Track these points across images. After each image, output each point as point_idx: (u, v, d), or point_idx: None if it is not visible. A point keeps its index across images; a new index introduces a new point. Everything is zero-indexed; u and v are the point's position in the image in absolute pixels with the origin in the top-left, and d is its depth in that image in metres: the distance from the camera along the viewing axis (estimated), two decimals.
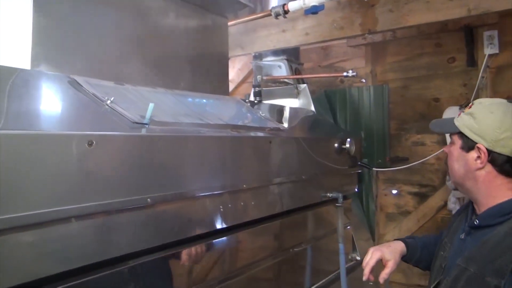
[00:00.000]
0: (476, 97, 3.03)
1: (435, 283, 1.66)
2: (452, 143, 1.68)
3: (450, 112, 3.01)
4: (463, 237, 1.63)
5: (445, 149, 1.76)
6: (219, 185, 1.73)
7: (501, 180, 1.54)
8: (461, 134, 1.61)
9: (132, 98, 1.77)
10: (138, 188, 1.40)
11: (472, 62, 3.11)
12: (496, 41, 2.96)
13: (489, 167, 1.54)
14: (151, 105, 1.55)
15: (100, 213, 1.29)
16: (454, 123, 1.65)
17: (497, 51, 2.98)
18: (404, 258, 1.91)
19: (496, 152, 1.51)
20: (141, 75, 2.18)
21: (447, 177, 2.83)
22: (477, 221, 1.57)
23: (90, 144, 1.26)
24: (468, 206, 1.72)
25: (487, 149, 1.52)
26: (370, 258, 1.87)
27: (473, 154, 1.56)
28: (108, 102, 1.57)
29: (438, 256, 1.75)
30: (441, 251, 1.73)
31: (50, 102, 1.52)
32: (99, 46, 2.02)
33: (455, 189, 1.91)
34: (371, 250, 1.90)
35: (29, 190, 1.10)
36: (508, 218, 1.48)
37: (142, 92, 1.89)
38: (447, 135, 2.73)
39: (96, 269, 1.32)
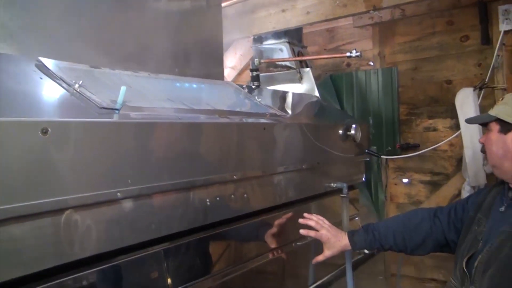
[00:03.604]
0: (491, 77, 2.85)
1: (469, 255, 1.74)
2: (488, 131, 1.84)
3: (463, 94, 2.81)
4: (503, 210, 1.74)
5: (481, 140, 1.91)
6: (202, 176, 1.57)
7: None
8: (498, 121, 1.78)
9: (107, 82, 1.61)
10: (105, 182, 1.24)
11: (486, 39, 2.91)
12: None
13: None
14: (123, 89, 1.39)
15: (57, 211, 1.13)
16: (489, 114, 1.83)
17: None
18: (370, 249, 2.10)
19: None
20: (126, 59, 2.03)
21: (484, 161, 2.68)
22: None
23: (44, 132, 1.11)
24: (500, 185, 1.86)
25: None
26: (316, 233, 2.04)
27: (511, 135, 1.74)
28: (76, 86, 1.42)
29: (470, 231, 1.84)
30: (475, 226, 1.82)
31: (10, 86, 1.35)
32: (77, 28, 1.87)
33: (491, 173, 2.05)
34: (325, 226, 2.06)
35: None
36: None
37: (121, 76, 1.73)
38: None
39: (56, 274, 1.18)
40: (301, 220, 2.09)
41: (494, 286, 1.60)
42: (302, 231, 2.07)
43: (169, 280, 1.51)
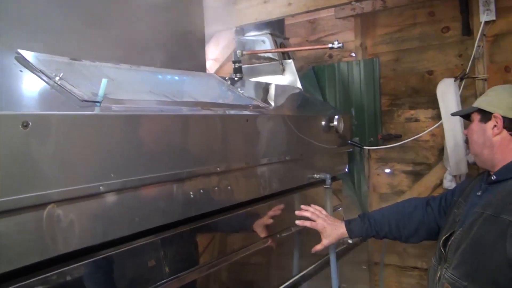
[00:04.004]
0: (472, 67, 2.87)
1: (448, 234, 1.85)
2: (471, 122, 1.96)
3: (444, 84, 2.83)
4: (479, 194, 1.86)
5: (465, 131, 2.05)
6: (186, 169, 1.56)
7: None
8: (479, 111, 1.90)
9: (87, 75, 1.59)
10: (87, 176, 1.23)
11: (467, 30, 2.93)
12: (492, 6, 2.76)
13: (504, 133, 1.82)
14: (104, 81, 1.37)
15: (39, 206, 1.12)
16: (471, 106, 1.97)
17: (493, 18, 2.79)
18: (366, 236, 2.21)
19: (510, 118, 1.80)
20: (106, 52, 2.00)
21: (467, 151, 2.73)
22: (494, 177, 1.82)
23: (25, 125, 1.09)
24: (482, 173, 1.98)
25: (502, 116, 1.80)
26: (311, 223, 2.13)
27: (490, 124, 1.84)
28: (57, 79, 1.40)
29: (451, 214, 1.96)
30: (455, 209, 1.95)
31: None
32: (58, 20, 1.84)
33: (474, 163, 2.22)
34: (321, 216, 2.15)
35: None
36: None
37: (101, 68, 1.71)
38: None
39: (39, 270, 1.16)
40: (297, 212, 2.17)
41: (464, 261, 1.70)
42: (297, 222, 2.15)
43: (154, 273, 1.51)
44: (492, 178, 1.83)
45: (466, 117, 2.03)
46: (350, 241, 2.53)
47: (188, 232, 1.65)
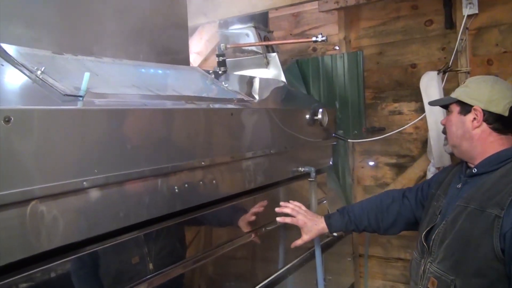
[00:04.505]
0: (455, 60, 2.89)
1: (428, 228, 1.84)
2: (449, 113, 1.92)
3: (427, 77, 2.85)
4: (459, 186, 1.84)
5: (442, 121, 1.98)
6: (170, 163, 1.55)
7: (493, 137, 1.79)
8: (459, 102, 1.86)
9: (69, 69, 1.57)
10: (70, 171, 1.21)
11: (450, 24, 2.95)
12: (475, 0, 2.79)
13: (483, 126, 1.79)
14: (86, 75, 1.36)
15: (22, 202, 1.10)
16: (450, 96, 1.92)
17: (476, 11, 2.81)
18: (346, 230, 2.21)
19: (490, 111, 1.76)
20: (88, 45, 1.97)
21: (444, 141, 2.73)
22: (475, 170, 1.80)
23: (7, 120, 1.07)
24: (460, 164, 1.95)
25: (482, 109, 1.77)
26: (292, 219, 2.12)
27: (470, 116, 1.81)
28: (39, 73, 1.38)
29: (430, 206, 1.95)
30: (434, 202, 1.93)
31: None
32: (39, 13, 1.81)
33: (451, 153, 2.09)
34: (301, 212, 2.14)
35: None
36: (503, 164, 1.73)
37: (84, 62, 1.69)
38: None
39: (23, 267, 1.15)
40: (277, 209, 2.16)
41: (449, 255, 1.70)
42: (278, 219, 2.14)
43: (140, 268, 1.50)
44: (474, 171, 1.81)
45: (445, 107, 1.99)
46: (335, 234, 2.55)
47: (174, 227, 1.64)
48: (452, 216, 1.74)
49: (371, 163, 3.38)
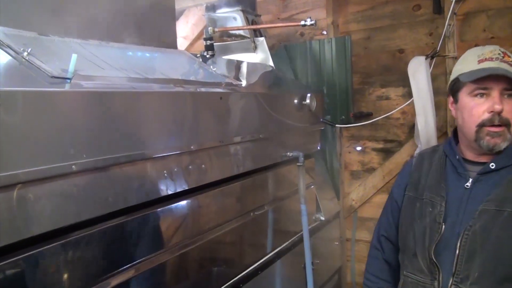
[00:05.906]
0: (443, 46, 2.89)
1: (436, 241, 1.58)
2: (490, 95, 1.60)
3: (415, 63, 2.85)
4: (469, 185, 1.58)
5: (499, 106, 1.57)
6: (159, 147, 1.53)
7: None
8: None
9: (56, 51, 1.54)
10: (58, 155, 1.19)
11: (438, 9, 2.94)
12: None
13: None
14: (74, 56, 1.33)
15: (9, 187, 1.08)
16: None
17: None
18: None
19: None
20: (75, 27, 1.92)
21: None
22: (493, 165, 1.55)
23: None
24: (432, 156, 1.74)
25: None
26: None
27: None
28: (25, 54, 1.35)
29: (424, 215, 1.66)
30: (429, 208, 1.65)
31: None
32: None
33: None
34: None
35: None
36: None
37: (70, 44, 1.65)
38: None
39: (11, 252, 1.13)
40: None
41: (489, 272, 1.46)
42: None
43: (126, 254, 1.49)
44: (491, 166, 1.56)
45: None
46: (322, 218, 2.56)
47: (162, 212, 1.62)
48: (480, 223, 1.48)
49: (358, 148, 3.38)
